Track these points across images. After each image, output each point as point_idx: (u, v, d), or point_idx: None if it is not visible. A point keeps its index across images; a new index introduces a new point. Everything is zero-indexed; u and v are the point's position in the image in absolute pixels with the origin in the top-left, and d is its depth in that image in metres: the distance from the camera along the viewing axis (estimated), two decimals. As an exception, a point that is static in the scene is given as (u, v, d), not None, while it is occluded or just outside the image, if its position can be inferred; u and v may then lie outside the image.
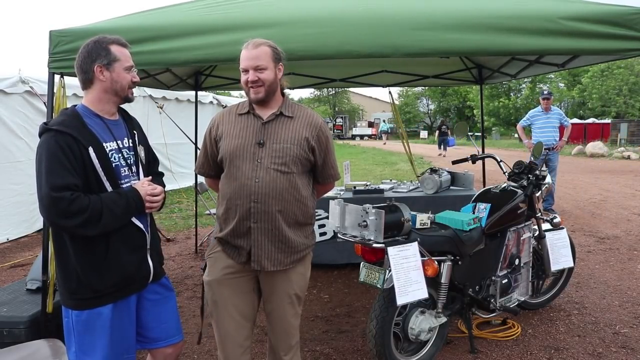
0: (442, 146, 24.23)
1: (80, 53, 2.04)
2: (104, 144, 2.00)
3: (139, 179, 2.13)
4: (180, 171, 10.36)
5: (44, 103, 5.93)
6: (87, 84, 2.04)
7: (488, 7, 2.81)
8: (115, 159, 2.04)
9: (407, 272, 2.69)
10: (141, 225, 2.10)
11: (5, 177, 6.46)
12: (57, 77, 3.04)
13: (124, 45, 2.08)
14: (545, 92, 8.00)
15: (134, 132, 2.18)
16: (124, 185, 2.06)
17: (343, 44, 2.77)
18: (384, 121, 45.42)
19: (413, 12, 2.80)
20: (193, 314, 4.07)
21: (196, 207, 6.46)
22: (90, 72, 2.01)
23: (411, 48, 2.76)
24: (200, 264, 5.30)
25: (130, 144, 2.14)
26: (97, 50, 2.01)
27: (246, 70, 2.18)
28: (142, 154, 2.19)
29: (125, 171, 2.08)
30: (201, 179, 4.15)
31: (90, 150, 1.93)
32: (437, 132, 26.06)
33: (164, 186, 2.22)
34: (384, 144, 35.09)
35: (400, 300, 2.66)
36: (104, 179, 1.97)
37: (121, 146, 2.09)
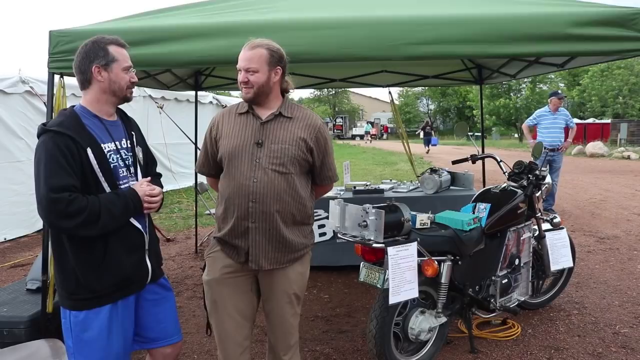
0: (426, 144, 26.88)
1: (78, 53, 2.03)
2: (102, 145, 2.00)
3: (137, 180, 2.13)
4: (180, 171, 10.37)
5: (44, 103, 5.93)
6: (85, 84, 2.04)
7: (489, 12, 2.81)
8: (113, 160, 2.04)
9: (403, 272, 2.70)
10: (139, 226, 2.09)
11: (5, 177, 6.46)
12: (56, 77, 3.04)
13: (122, 45, 2.07)
14: (560, 92, 7.89)
15: (132, 133, 2.18)
16: (123, 186, 2.06)
17: (343, 47, 2.77)
18: (368, 122, 46.21)
19: (413, 16, 2.80)
20: (193, 314, 4.07)
21: (196, 207, 6.46)
22: (88, 73, 2.01)
23: (411, 51, 2.77)
24: (200, 264, 5.30)
25: (129, 145, 2.14)
26: (95, 50, 2.00)
27: (240, 70, 2.20)
28: (140, 155, 2.19)
29: (123, 172, 2.08)
30: (201, 178, 4.16)
31: (89, 151, 1.93)
32: (421, 132, 29.09)
33: (161, 187, 2.22)
34: (370, 142, 36.86)
35: (393, 300, 2.67)
36: (102, 179, 1.97)
37: (119, 147, 2.08)
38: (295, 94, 56.94)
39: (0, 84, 6.40)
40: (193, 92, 5.98)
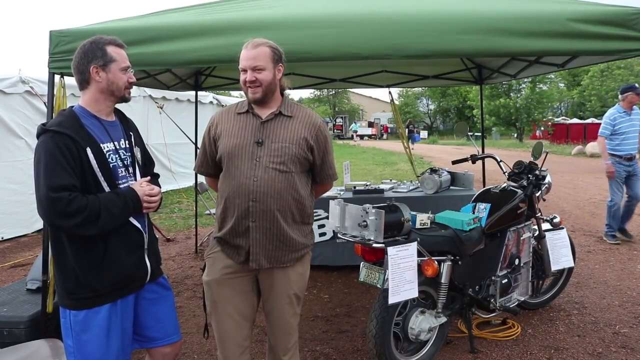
0: (410, 141, 27.59)
1: (76, 54, 2.04)
2: (101, 145, 2.00)
3: (135, 180, 2.13)
4: (180, 171, 10.36)
5: (44, 103, 5.94)
6: (83, 84, 2.05)
7: (489, 9, 2.81)
8: (112, 159, 2.05)
9: (403, 272, 2.70)
10: (139, 225, 2.10)
11: (4, 177, 6.47)
12: (57, 77, 3.04)
13: (121, 45, 2.08)
14: (636, 85, 6.15)
15: (130, 133, 2.19)
16: (121, 186, 2.06)
17: (342, 46, 2.77)
18: (355, 122, 46.70)
19: (413, 14, 2.80)
20: (193, 314, 4.07)
21: (196, 207, 6.46)
22: (86, 73, 2.01)
23: (411, 50, 2.77)
24: (200, 264, 5.30)
25: (127, 145, 2.15)
26: (93, 50, 2.01)
27: (245, 70, 2.19)
28: (138, 155, 2.19)
29: (122, 172, 2.09)
30: (201, 178, 4.15)
31: (88, 150, 1.93)
32: (406, 130, 30.94)
33: (160, 187, 2.22)
34: (356, 141, 37.51)
35: (392, 300, 2.67)
36: (101, 179, 1.98)
37: (118, 147, 2.09)
38: (295, 94, 57.07)
39: (0, 84, 6.41)
40: (193, 92, 5.99)
